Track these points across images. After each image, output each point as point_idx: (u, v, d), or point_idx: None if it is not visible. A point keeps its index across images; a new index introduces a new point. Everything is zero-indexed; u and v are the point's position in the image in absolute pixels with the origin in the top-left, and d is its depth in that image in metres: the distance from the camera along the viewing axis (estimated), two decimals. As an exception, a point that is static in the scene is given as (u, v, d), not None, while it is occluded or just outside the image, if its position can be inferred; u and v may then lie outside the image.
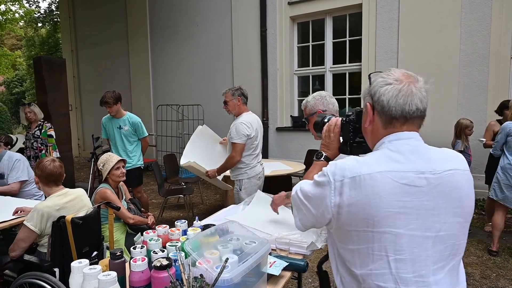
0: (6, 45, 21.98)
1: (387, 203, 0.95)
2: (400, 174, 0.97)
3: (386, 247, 0.96)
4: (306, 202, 1.10)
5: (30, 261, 2.20)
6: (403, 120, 1.04)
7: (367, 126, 1.12)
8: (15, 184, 3.34)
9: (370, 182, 0.97)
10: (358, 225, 0.98)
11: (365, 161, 1.02)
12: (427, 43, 5.26)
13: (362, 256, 1.00)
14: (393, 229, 0.95)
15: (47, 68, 5.50)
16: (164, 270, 1.36)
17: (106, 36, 9.45)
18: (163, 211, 5.10)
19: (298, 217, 1.17)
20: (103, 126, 4.32)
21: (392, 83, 1.04)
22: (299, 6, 6.42)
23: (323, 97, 2.12)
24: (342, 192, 0.99)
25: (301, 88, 6.94)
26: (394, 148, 1.03)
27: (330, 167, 1.05)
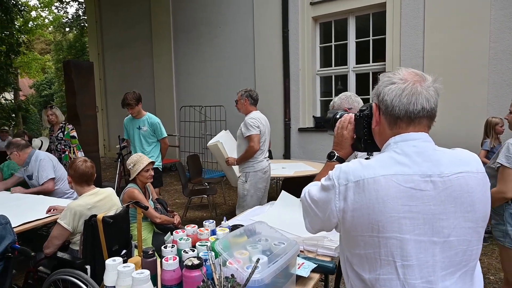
0: (36, 49, 22.81)
1: (392, 208, 0.93)
2: (405, 178, 0.94)
3: (392, 253, 0.94)
4: (313, 205, 1.09)
5: (63, 258, 2.27)
6: (408, 120, 1.00)
7: (374, 127, 1.10)
8: (48, 183, 3.43)
9: (374, 186, 0.94)
10: (364, 230, 0.96)
11: (369, 164, 1.00)
12: (454, 40, 5.12)
13: (369, 260, 0.98)
14: (399, 235, 0.93)
15: (75, 72, 5.68)
16: (196, 269, 1.38)
17: (131, 39, 9.67)
18: (187, 211, 5.16)
19: (307, 219, 1.15)
20: (124, 127, 4.37)
21: (397, 82, 1.01)
22: (321, 6, 6.38)
23: (348, 96, 2.19)
24: (347, 197, 0.97)
25: (323, 89, 6.89)
26: (399, 150, 0.99)
27: (335, 170, 1.03)
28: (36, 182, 3.47)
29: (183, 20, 8.38)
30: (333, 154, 1.34)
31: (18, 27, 10.60)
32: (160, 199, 3.32)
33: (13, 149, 3.46)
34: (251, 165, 3.51)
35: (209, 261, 1.39)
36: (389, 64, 5.73)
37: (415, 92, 0.99)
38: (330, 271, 1.72)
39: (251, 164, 3.51)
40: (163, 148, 4.30)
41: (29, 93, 23.98)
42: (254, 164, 3.51)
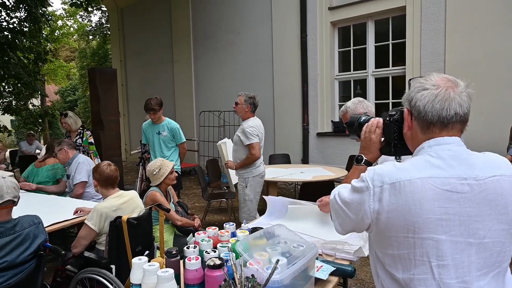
0: (61, 57, 23.60)
1: (428, 210, 0.95)
2: (442, 180, 0.96)
3: (428, 253, 0.96)
4: (344, 207, 1.10)
5: (90, 257, 2.37)
6: (441, 125, 1.02)
7: (406, 132, 1.13)
8: (77, 187, 3.55)
9: (410, 189, 0.96)
10: (398, 231, 0.98)
11: (404, 166, 1.01)
12: (476, 44, 5.03)
13: (403, 260, 1.00)
14: (435, 235, 0.95)
15: (100, 78, 5.87)
16: (217, 269, 1.43)
17: (151, 46, 9.91)
18: (206, 214, 5.24)
19: (337, 221, 1.17)
20: (143, 132, 4.46)
21: (429, 88, 1.03)
22: (339, 11, 6.39)
23: (361, 101, 2.21)
24: (382, 198, 0.99)
25: (342, 93, 6.87)
26: (434, 153, 1.01)
27: (369, 173, 1.05)
28: (71, 182, 3.61)
29: (202, 27, 8.53)
30: (361, 158, 1.36)
31: (45, 36, 11.01)
32: (181, 202, 3.40)
33: (64, 146, 3.64)
34: (250, 170, 3.62)
35: (230, 262, 1.44)
36: (409, 68, 5.68)
37: (448, 98, 1.01)
38: (349, 275, 1.73)
39: (250, 170, 3.61)
40: (181, 152, 4.39)
41: (54, 99, 24.80)
42: (253, 169, 3.62)
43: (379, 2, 5.92)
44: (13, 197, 1.77)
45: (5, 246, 1.71)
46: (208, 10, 8.36)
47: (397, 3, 5.72)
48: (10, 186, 1.76)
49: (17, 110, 10.27)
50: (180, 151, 4.37)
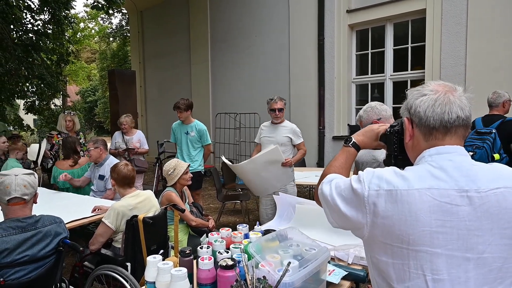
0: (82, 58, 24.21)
1: (424, 222, 0.91)
2: (440, 192, 0.93)
3: (422, 266, 0.93)
4: (338, 203, 1.05)
5: (106, 255, 2.43)
6: (444, 130, 0.99)
7: (407, 142, 1.09)
8: (110, 191, 3.59)
9: (407, 199, 0.93)
10: (393, 239, 0.95)
11: (403, 175, 0.99)
12: (499, 48, 4.91)
13: (397, 271, 0.97)
14: (430, 248, 0.92)
15: (119, 80, 6.02)
16: (229, 270, 1.45)
17: (170, 48, 10.06)
18: (220, 215, 5.27)
19: (331, 215, 1.10)
20: (172, 131, 4.61)
21: (428, 93, 1.01)
22: (358, 13, 6.34)
23: (373, 107, 2.18)
24: (377, 203, 0.96)
25: (359, 97, 6.82)
26: (435, 163, 0.98)
27: (368, 174, 1.02)
28: (104, 184, 3.66)
29: (220, 30, 8.61)
30: (350, 139, 1.30)
31: (68, 37, 11.31)
32: (196, 203, 3.44)
33: (100, 145, 3.70)
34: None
35: (242, 263, 1.46)
36: (428, 72, 5.59)
37: (448, 102, 0.99)
38: (361, 279, 1.73)
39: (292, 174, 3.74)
40: (205, 153, 4.57)
41: (75, 100, 25.43)
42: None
43: (398, 5, 5.85)
44: (22, 194, 1.78)
45: (27, 241, 1.78)
46: (226, 13, 8.44)
47: (417, 6, 5.64)
48: (20, 183, 1.78)
49: (39, 109, 10.59)
50: (204, 152, 4.56)
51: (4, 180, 1.76)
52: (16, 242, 1.73)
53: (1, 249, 1.68)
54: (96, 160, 3.71)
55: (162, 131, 10.06)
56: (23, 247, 1.76)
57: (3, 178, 1.77)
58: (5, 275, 1.68)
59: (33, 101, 10.49)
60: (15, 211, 1.79)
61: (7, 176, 1.78)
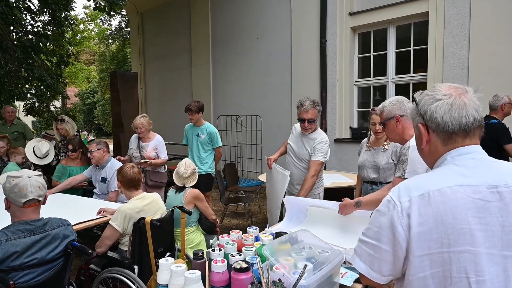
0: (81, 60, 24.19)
1: (462, 220, 0.90)
2: (472, 189, 0.92)
3: (466, 268, 0.90)
4: (375, 242, 1.00)
5: (113, 257, 2.41)
6: (464, 133, 0.99)
7: (423, 147, 1.07)
8: (113, 193, 3.57)
9: (440, 198, 0.92)
10: (431, 247, 0.92)
11: (431, 177, 0.98)
12: (502, 50, 4.92)
13: (436, 280, 0.93)
14: (472, 248, 0.89)
15: (121, 82, 6.00)
16: (244, 272, 1.44)
17: (171, 50, 10.05)
18: (223, 218, 5.25)
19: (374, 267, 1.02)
20: (185, 133, 4.67)
21: (442, 98, 1.01)
22: (360, 16, 6.35)
23: (401, 102, 2.08)
24: (410, 213, 0.93)
25: (361, 99, 6.81)
26: (459, 163, 0.98)
27: (393, 191, 1.00)
28: (106, 187, 3.63)
29: (221, 32, 8.61)
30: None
31: (68, 39, 11.29)
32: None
33: (103, 147, 3.70)
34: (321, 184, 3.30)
35: (256, 265, 1.44)
36: (431, 75, 5.59)
37: (464, 105, 0.99)
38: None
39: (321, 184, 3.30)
40: (216, 156, 4.61)
41: (75, 102, 25.38)
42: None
43: (400, 8, 5.86)
44: (38, 196, 1.79)
45: (35, 244, 1.76)
46: (228, 15, 8.44)
47: (419, 9, 5.65)
48: (35, 185, 1.78)
49: (39, 111, 10.54)
50: (215, 155, 4.60)
51: (18, 182, 1.74)
52: (25, 245, 1.71)
53: (10, 252, 1.66)
54: (98, 162, 3.68)
55: (163, 133, 9.99)
56: (32, 250, 1.74)
57: (16, 180, 1.74)
58: (14, 278, 1.66)
59: (33, 103, 10.46)
60: (28, 214, 1.77)
61: (20, 178, 1.76)
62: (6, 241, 1.67)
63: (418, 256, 0.93)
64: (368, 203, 2.09)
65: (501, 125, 3.82)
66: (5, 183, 1.77)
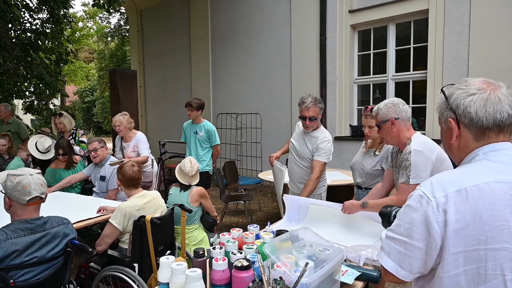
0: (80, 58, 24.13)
1: (501, 217, 0.89)
2: (509, 186, 0.91)
3: (502, 266, 0.88)
4: (406, 238, 0.97)
5: (114, 255, 2.41)
6: (498, 129, 0.98)
7: (453, 143, 1.05)
8: (112, 192, 3.56)
9: (478, 194, 0.90)
10: (468, 243, 0.90)
11: (466, 172, 0.97)
12: (502, 48, 4.91)
13: (470, 276, 0.91)
14: (510, 245, 0.88)
15: (120, 79, 5.98)
16: (245, 270, 1.43)
17: (170, 48, 10.02)
18: (223, 216, 5.25)
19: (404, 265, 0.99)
20: (183, 130, 4.67)
21: (476, 93, 0.99)
22: (360, 14, 6.34)
23: (396, 104, 2.05)
24: (447, 209, 0.91)
25: (361, 97, 6.80)
26: (493, 158, 0.97)
27: (425, 186, 0.97)
28: (105, 185, 3.61)
29: (221, 29, 8.59)
30: None
31: (66, 37, 11.24)
32: None
33: (105, 145, 3.71)
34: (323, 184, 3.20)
35: (257, 263, 1.44)
36: (430, 72, 5.59)
37: (499, 101, 0.98)
38: (374, 280, 1.71)
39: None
40: (214, 154, 4.61)
41: (73, 100, 25.33)
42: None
43: (400, 5, 5.84)
44: (41, 193, 1.81)
45: (35, 242, 1.75)
46: (227, 13, 8.42)
47: (419, 6, 5.64)
48: (37, 182, 1.79)
49: (38, 109, 10.51)
50: (213, 153, 4.60)
51: (21, 180, 1.73)
52: (25, 243, 1.71)
53: (10, 251, 1.66)
54: (100, 160, 3.66)
55: (162, 131, 10.03)
56: (32, 249, 1.73)
57: (18, 178, 1.74)
58: (14, 277, 1.65)
59: (32, 101, 10.42)
60: (30, 212, 1.77)
61: (23, 176, 1.76)
62: (6, 239, 1.67)
63: (453, 254, 0.91)
64: (375, 206, 2.05)
65: None
66: (5, 181, 1.77)
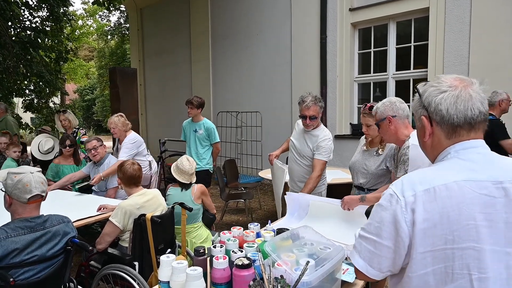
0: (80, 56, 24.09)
1: (468, 216, 0.88)
2: (478, 184, 0.90)
3: (469, 265, 0.88)
4: (375, 237, 0.97)
5: (114, 254, 2.40)
6: (469, 126, 0.97)
7: (426, 140, 1.05)
8: (111, 191, 3.54)
9: (446, 193, 0.89)
10: (435, 243, 0.89)
11: (436, 171, 0.96)
12: (502, 46, 4.90)
13: (438, 275, 0.91)
14: (476, 244, 0.87)
15: (120, 77, 5.97)
16: (245, 269, 1.43)
17: (171, 46, 10.01)
18: (223, 214, 5.25)
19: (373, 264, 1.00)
20: (183, 129, 4.66)
21: (447, 90, 0.98)
22: (360, 12, 6.32)
23: (393, 102, 2.08)
24: (415, 208, 0.90)
25: (361, 96, 6.80)
26: (464, 157, 0.96)
27: (396, 185, 0.97)
28: (105, 184, 3.59)
29: (221, 28, 8.57)
30: None
31: (66, 35, 11.22)
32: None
33: (102, 143, 3.69)
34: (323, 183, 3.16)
35: (258, 262, 1.44)
36: (431, 70, 5.58)
37: (470, 98, 0.96)
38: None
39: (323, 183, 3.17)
40: (214, 152, 4.60)
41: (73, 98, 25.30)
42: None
43: (401, 4, 5.83)
44: (41, 191, 1.80)
45: (35, 241, 1.75)
46: (227, 11, 8.40)
47: (420, 5, 5.63)
48: (38, 181, 1.79)
49: (38, 108, 10.50)
50: (213, 150, 4.59)
51: (22, 178, 1.73)
52: (25, 242, 1.70)
53: (10, 249, 1.65)
54: (99, 159, 3.64)
55: (162, 129, 10.02)
56: (32, 247, 1.73)
57: (18, 176, 1.74)
58: (14, 275, 1.65)
59: (32, 99, 10.41)
60: (30, 210, 1.76)
61: (23, 174, 1.75)
62: (6, 238, 1.66)
63: (421, 253, 0.91)
64: (373, 199, 2.08)
65: (497, 121, 3.82)
66: (6, 180, 1.76)
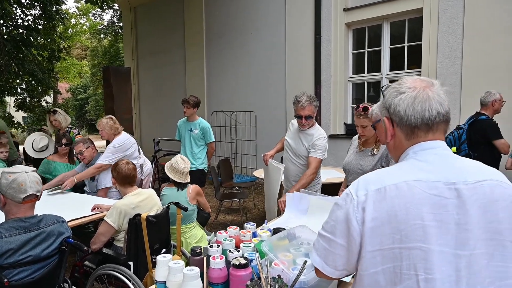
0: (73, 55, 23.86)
1: (416, 215, 0.87)
2: (428, 184, 0.90)
3: (416, 265, 0.87)
4: (331, 236, 0.98)
5: (109, 254, 2.39)
6: (426, 127, 0.97)
7: (389, 141, 1.06)
8: (101, 192, 3.49)
9: (396, 193, 0.89)
10: (384, 242, 0.89)
11: (389, 171, 0.97)
12: (495, 47, 4.96)
13: (388, 275, 0.90)
14: (423, 244, 0.86)
15: (114, 77, 5.93)
16: (243, 269, 1.43)
17: (165, 46, 9.96)
18: (218, 214, 5.24)
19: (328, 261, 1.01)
20: (177, 128, 4.64)
21: (406, 91, 0.99)
22: (355, 12, 6.35)
23: None
24: (365, 207, 0.91)
25: (355, 95, 6.83)
26: (421, 158, 0.96)
27: (353, 185, 0.98)
28: (95, 184, 3.54)
29: (216, 27, 8.55)
30: None
31: (59, 33, 11.12)
32: None
33: (91, 144, 3.64)
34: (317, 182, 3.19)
35: (255, 261, 1.44)
36: (424, 71, 5.62)
37: (428, 98, 0.97)
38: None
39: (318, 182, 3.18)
40: (209, 151, 4.60)
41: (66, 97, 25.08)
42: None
43: (395, 4, 5.87)
44: (36, 191, 1.79)
45: (30, 241, 1.73)
46: (222, 10, 8.38)
47: (413, 5, 5.67)
48: (33, 180, 1.77)
49: (30, 107, 10.41)
50: (208, 150, 4.59)
51: (17, 178, 1.71)
52: (20, 242, 1.69)
53: (4, 250, 1.64)
54: (89, 161, 3.58)
55: (156, 129, 9.97)
56: (27, 248, 1.71)
57: (13, 176, 1.72)
58: (8, 276, 1.63)
59: (24, 98, 10.31)
60: (25, 210, 1.74)
61: (18, 173, 1.73)
62: (0, 238, 1.64)
63: (370, 252, 0.91)
64: None
65: (489, 121, 3.85)
66: (0, 179, 1.74)
